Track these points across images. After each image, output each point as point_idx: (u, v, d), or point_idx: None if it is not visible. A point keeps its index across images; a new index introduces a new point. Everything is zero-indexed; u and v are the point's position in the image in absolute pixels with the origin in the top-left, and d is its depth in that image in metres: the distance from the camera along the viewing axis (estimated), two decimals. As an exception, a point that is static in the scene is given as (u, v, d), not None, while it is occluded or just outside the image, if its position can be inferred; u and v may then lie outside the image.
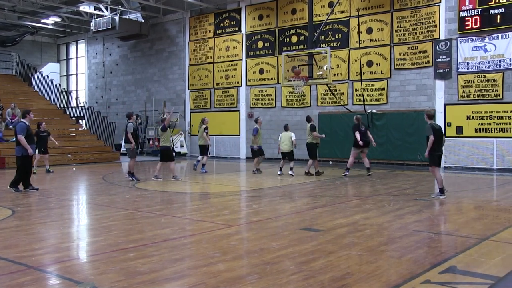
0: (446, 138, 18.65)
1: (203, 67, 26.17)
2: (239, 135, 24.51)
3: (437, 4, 18.79)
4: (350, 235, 7.11)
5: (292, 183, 13.92)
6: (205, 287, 4.84)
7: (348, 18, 21.02)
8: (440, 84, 18.87)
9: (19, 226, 8.03)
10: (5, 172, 18.48)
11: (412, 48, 19.41)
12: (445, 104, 18.74)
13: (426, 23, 19.04)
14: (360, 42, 20.32)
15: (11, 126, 22.34)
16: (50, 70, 33.47)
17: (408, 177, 15.27)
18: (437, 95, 18.92)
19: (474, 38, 18.01)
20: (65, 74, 35.41)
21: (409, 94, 19.65)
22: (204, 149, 17.55)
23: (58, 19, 29.33)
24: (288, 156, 16.19)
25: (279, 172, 16.24)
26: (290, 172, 15.83)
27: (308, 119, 16.63)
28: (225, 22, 25.13)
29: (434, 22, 18.85)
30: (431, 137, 10.68)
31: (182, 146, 26.60)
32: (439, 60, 18.79)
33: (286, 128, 16.55)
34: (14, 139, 21.35)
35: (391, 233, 7.32)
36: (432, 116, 11.15)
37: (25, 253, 6.11)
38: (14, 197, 11.42)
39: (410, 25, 19.41)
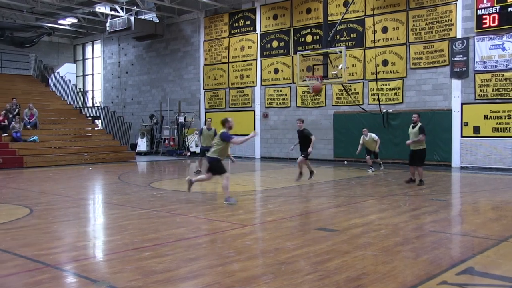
0: (462, 138, 18.59)
1: (218, 67, 26.22)
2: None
3: (453, 3, 18.60)
4: (365, 235, 7.07)
5: (307, 183, 13.88)
6: (220, 286, 4.85)
7: (363, 17, 20.91)
8: (456, 83, 18.68)
9: (37, 225, 8.12)
10: (23, 171, 18.72)
11: (428, 47, 19.24)
12: (462, 104, 18.55)
13: (442, 21, 18.87)
14: (376, 41, 20.20)
15: (28, 126, 22.61)
16: (67, 70, 33.81)
17: (424, 177, 15.12)
18: (454, 94, 18.73)
19: (491, 36, 17.80)
20: (81, 74, 35.73)
21: (425, 94, 19.48)
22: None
23: (74, 20, 29.60)
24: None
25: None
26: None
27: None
28: (240, 22, 25.15)
29: (451, 21, 18.66)
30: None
31: (197, 145, 26.65)
32: (455, 59, 18.60)
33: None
34: (32, 139, 21.67)
35: (406, 234, 7.26)
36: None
37: (43, 252, 6.18)
38: (32, 196, 11.55)
39: (426, 24, 19.25)
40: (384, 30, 20.32)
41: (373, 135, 16.98)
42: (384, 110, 20.01)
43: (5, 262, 5.74)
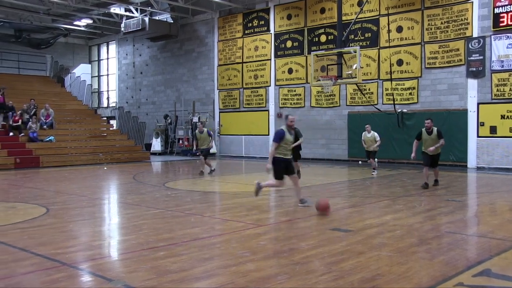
0: (479, 138, 18.40)
1: (232, 67, 26.26)
2: (268, 135, 24.47)
3: (469, 1, 18.41)
4: (380, 236, 7.03)
5: (322, 183, 13.84)
6: (234, 286, 4.85)
7: (377, 17, 20.80)
8: (472, 83, 18.50)
9: (53, 224, 8.20)
10: (40, 171, 18.92)
11: (444, 46, 19.07)
12: (478, 103, 18.35)
13: (458, 20, 18.69)
14: (390, 41, 20.07)
15: (45, 126, 22.85)
16: (82, 71, 34.13)
17: (439, 177, 14.98)
18: (470, 94, 18.54)
19: (509, 35, 17.58)
20: (97, 75, 36.01)
21: (440, 94, 19.32)
22: None
23: (89, 21, 29.86)
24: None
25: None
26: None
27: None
28: (254, 22, 25.16)
29: (467, 20, 18.48)
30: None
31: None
32: (471, 58, 18.42)
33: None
34: (48, 139, 21.90)
35: (422, 234, 7.20)
36: None
37: (59, 250, 6.24)
38: (48, 195, 11.67)
39: (442, 23, 19.08)
40: (399, 29, 20.18)
41: (376, 134, 16.18)
42: (399, 110, 19.88)
43: (22, 261, 5.82)
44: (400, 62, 20.19)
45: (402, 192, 12.00)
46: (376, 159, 16.41)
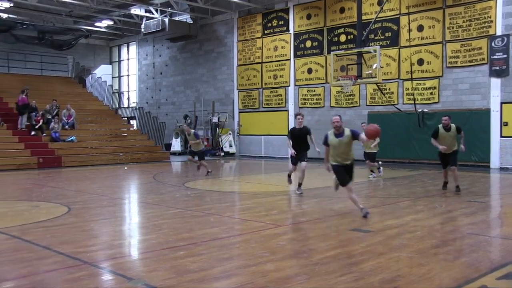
0: (502, 138, 18.10)
1: (251, 67, 26.28)
2: (287, 135, 24.40)
3: (492, -1, 18.15)
4: (401, 237, 6.97)
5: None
6: (254, 286, 4.85)
7: (398, 16, 20.61)
8: (495, 82, 18.21)
9: (75, 223, 8.30)
10: (62, 170, 19.18)
11: (466, 45, 18.81)
12: (501, 103, 18.06)
13: (481, 18, 18.42)
14: (411, 40, 19.88)
15: (67, 126, 23.15)
16: (103, 71, 34.50)
17: (461, 177, 14.78)
18: (492, 93, 18.26)
19: (532, 33, 17.30)
20: (117, 75, 36.37)
21: (462, 93, 19.06)
22: None
23: (110, 22, 30.16)
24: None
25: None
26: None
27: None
28: (273, 22, 25.14)
29: (490, 18, 18.20)
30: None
31: (230, 145, 26.84)
32: (494, 57, 18.13)
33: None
34: (70, 139, 22.19)
35: (443, 235, 7.11)
36: None
37: (81, 249, 6.32)
38: (70, 195, 11.81)
39: (464, 21, 18.82)
40: (420, 28, 19.97)
41: None
42: (420, 110, 19.68)
43: (46, 259, 5.91)
44: (420, 62, 19.98)
45: (422, 192, 11.88)
46: (379, 162, 15.47)
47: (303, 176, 11.43)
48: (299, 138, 11.81)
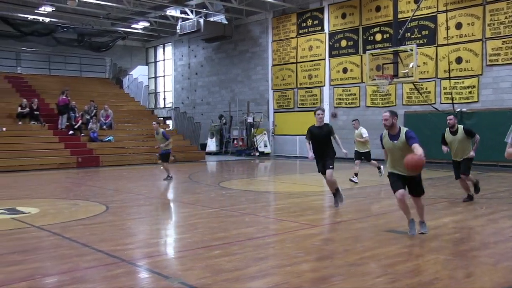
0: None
1: (286, 67, 26.24)
2: (306, 135, 24.28)
3: (535, -5, 17.61)
4: (438, 239, 6.83)
5: (376, 184, 13.59)
6: (289, 286, 4.85)
7: (435, 14, 20.21)
8: (538, 80, 17.66)
9: (113, 222, 8.47)
10: (99, 170, 19.58)
11: (508, 42, 18.28)
12: (544, 102, 17.51)
13: (522, 15, 17.88)
14: (449, 38, 19.47)
15: (104, 127, 23.63)
16: (139, 72, 35.05)
17: (502, 179, 14.42)
18: (535, 92, 17.72)
19: None
20: (153, 76, 36.87)
21: (503, 92, 18.55)
22: None
23: (146, 24, 30.62)
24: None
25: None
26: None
27: None
28: (308, 22, 25.04)
29: (532, 14, 17.66)
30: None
31: (265, 145, 26.86)
32: (537, 54, 17.58)
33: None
34: (107, 139, 22.63)
35: (484, 238, 6.94)
36: None
37: (118, 247, 6.44)
38: (108, 194, 12.05)
39: (506, 17, 18.30)
40: (458, 26, 19.53)
41: (363, 130, 14.04)
42: (458, 109, 19.25)
43: (85, 256, 6.06)
44: (459, 60, 19.54)
45: (461, 194, 11.60)
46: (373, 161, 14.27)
47: (333, 186, 9.47)
48: (319, 138, 9.66)
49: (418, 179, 7.00)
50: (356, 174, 13.77)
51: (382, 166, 13.76)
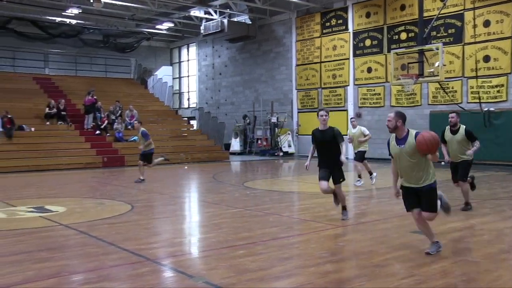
0: None
1: (310, 67, 26.14)
2: (346, 135, 24.12)
3: None
4: (465, 240, 6.73)
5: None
6: (313, 287, 4.83)
7: (462, 12, 19.88)
8: None
9: (137, 221, 8.55)
10: (125, 169, 19.80)
11: (536, 40, 17.90)
12: None
13: (552, 12, 17.48)
14: (476, 36, 19.13)
15: (129, 127, 23.88)
16: (164, 73, 35.35)
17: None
18: None
19: None
20: (177, 76, 37.14)
21: (533, 91, 18.17)
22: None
23: (171, 25, 30.85)
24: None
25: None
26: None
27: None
28: (332, 21, 24.90)
29: (562, 11, 17.25)
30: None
31: (289, 145, 26.81)
32: None
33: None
34: (132, 139, 22.87)
35: (512, 240, 6.81)
36: None
37: (143, 246, 6.51)
38: (133, 193, 12.18)
39: (534, 15, 17.93)
40: (486, 23, 19.19)
41: (363, 128, 13.52)
42: (486, 109, 18.91)
43: (111, 254, 6.14)
44: (487, 59, 19.19)
45: (489, 195, 11.42)
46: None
47: (341, 198, 8.31)
48: (322, 143, 8.47)
49: (426, 191, 6.01)
50: (360, 176, 13.27)
51: (375, 173, 13.31)
